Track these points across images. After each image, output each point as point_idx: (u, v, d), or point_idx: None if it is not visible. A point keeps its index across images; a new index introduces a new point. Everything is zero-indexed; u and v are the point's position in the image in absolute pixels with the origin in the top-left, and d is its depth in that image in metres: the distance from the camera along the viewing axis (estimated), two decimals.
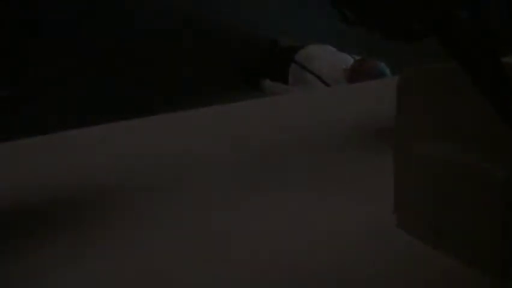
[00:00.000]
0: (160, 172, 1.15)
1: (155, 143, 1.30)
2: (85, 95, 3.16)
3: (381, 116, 1.11)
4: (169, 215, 0.83)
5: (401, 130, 0.59)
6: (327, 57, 2.53)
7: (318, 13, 2.94)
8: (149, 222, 0.81)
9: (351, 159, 1.00)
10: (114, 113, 3.18)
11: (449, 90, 0.53)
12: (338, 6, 0.71)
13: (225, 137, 1.26)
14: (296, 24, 3.25)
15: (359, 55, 2.67)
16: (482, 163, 0.48)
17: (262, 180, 1.03)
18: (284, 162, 1.07)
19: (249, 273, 0.58)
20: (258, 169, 1.11)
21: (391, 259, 0.60)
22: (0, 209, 0.90)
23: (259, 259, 0.62)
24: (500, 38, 0.51)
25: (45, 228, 0.81)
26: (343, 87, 1.62)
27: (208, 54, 3.56)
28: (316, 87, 2.41)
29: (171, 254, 0.67)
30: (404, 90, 0.57)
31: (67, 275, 0.63)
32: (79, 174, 1.18)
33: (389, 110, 0.67)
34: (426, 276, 0.56)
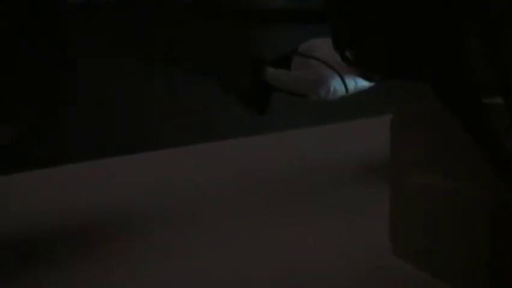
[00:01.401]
0: (165, 203, 1.17)
1: (165, 175, 1.32)
2: (100, 128, 3.21)
3: (377, 151, 1.15)
4: (179, 244, 0.85)
5: (396, 163, 0.63)
6: (329, 45, 2.54)
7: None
8: (160, 250, 0.84)
9: (349, 191, 1.03)
10: (123, 146, 3.20)
11: (439, 126, 0.58)
12: (338, 48, 0.77)
13: (230, 170, 1.29)
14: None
15: None
16: (471, 192, 0.52)
17: (265, 210, 1.05)
18: (286, 194, 1.10)
19: None
20: (260, 200, 1.13)
21: (388, 285, 0.63)
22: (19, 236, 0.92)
23: (262, 280, 0.65)
24: (482, 81, 0.56)
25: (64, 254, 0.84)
26: (339, 125, 1.67)
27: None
28: (322, 71, 2.42)
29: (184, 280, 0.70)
30: (398, 126, 0.62)
31: None
32: (81, 206, 1.19)
33: (384, 145, 0.72)
34: None
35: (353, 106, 3.10)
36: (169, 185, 1.21)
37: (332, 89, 2.55)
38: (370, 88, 2.74)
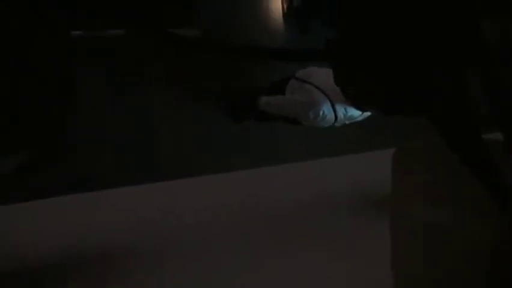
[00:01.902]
0: (165, 233, 1.18)
1: (166, 207, 1.33)
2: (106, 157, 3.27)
3: (377, 185, 1.16)
4: (179, 276, 0.85)
5: (396, 197, 0.64)
6: (326, 73, 2.60)
7: None
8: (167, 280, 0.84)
9: (350, 224, 1.03)
10: (124, 175, 3.22)
11: (439, 162, 0.59)
12: (339, 84, 0.79)
13: (231, 203, 1.30)
14: None
15: None
16: (472, 228, 0.53)
17: (265, 244, 1.06)
18: (286, 228, 1.10)
19: None
20: (262, 234, 1.14)
21: None
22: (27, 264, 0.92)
23: None
24: (481, 116, 0.57)
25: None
26: (340, 158, 1.68)
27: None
28: (315, 94, 2.47)
29: None
30: (399, 163, 0.63)
31: None
32: (73, 238, 1.19)
33: (384, 180, 0.73)
34: None
35: (355, 139, 3.13)
36: (170, 216, 1.22)
37: (321, 113, 2.59)
38: (372, 122, 2.76)
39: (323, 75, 2.65)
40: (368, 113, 2.57)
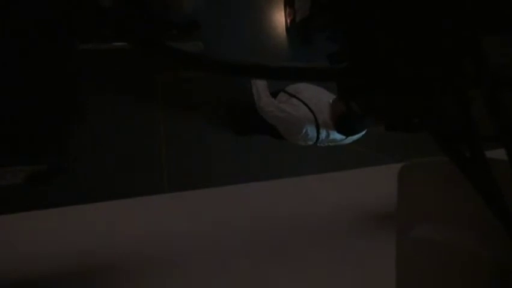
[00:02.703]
0: (168, 247, 1.18)
1: (166, 220, 1.34)
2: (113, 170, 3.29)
3: (382, 201, 1.16)
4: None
5: (402, 214, 0.64)
6: (316, 90, 2.62)
7: None
8: None
9: (356, 240, 1.03)
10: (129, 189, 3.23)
11: (445, 180, 0.59)
12: (343, 99, 0.79)
13: (234, 218, 1.30)
14: None
15: None
16: (475, 247, 0.53)
17: (269, 259, 1.05)
18: (290, 244, 1.10)
19: None
20: (265, 251, 1.14)
21: None
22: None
23: None
24: (485, 134, 0.58)
25: None
26: (345, 173, 1.68)
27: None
28: (301, 110, 2.48)
29: None
30: (405, 180, 0.63)
31: None
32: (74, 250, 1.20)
33: (389, 196, 0.73)
34: None
35: (361, 154, 3.13)
36: (171, 230, 1.22)
37: (304, 131, 2.60)
38: (376, 138, 2.76)
39: (311, 91, 2.67)
40: (352, 138, 2.60)
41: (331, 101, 2.61)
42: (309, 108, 2.57)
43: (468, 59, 0.54)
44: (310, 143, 2.62)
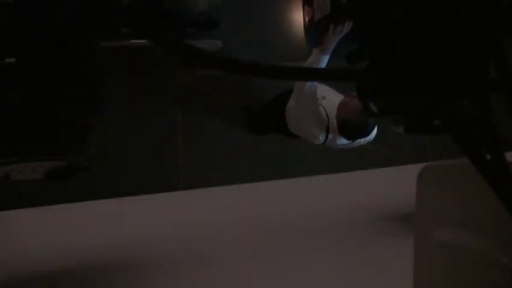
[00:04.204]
0: (176, 244, 1.18)
1: (181, 218, 1.34)
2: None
3: (400, 201, 1.15)
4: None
5: (421, 216, 0.63)
6: (334, 94, 2.71)
7: None
8: None
9: (373, 243, 1.02)
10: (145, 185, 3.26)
11: (466, 183, 0.59)
12: (362, 100, 0.79)
13: (250, 216, 1.30)
14: None
15: None
16: (493, 251, 0.52)
17: (284, 258, 1.05)
18: (308, 243, 1.10)
19: None
20: (280, 248, 1.14)
21: None
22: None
23: None
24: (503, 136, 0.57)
25: None
26: (364, 172, 1.67)
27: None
28: (322, 115, 2.61)
29: None
30: (425, 182, 0.63)
31: None
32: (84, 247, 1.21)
33: (408, 197, 0.73)
34: None
35: (376, 155, 3.11)
36: (180, 228, 1.23)
37: (317, 136, 2.67)
38: (393, 138, 2.75)
39: (332, 96, 2.74)
40: (359, 142, 2.65)
41: (339, 100, 2.67)
42: (328, 114, 2.65)
43: (491, 61, 0.53)
44: (318, 142, 2.69)
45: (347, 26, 2.43)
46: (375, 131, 2.68)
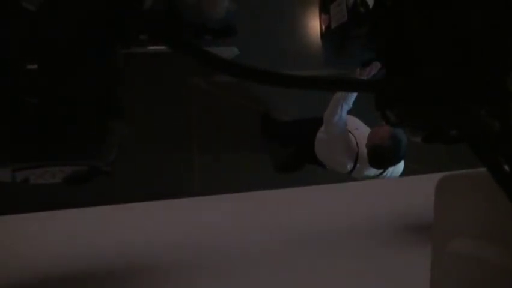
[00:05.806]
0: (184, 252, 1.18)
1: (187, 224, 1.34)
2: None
3: (420, 212, 1.14)
4: None
5: (438, 227, 0.63)
6: (365, 128, 2.79)
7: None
8: None
9: (392, 252, 1.02)
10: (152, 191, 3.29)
11: (484, 193, 0.58)
12: (379, 108, 0.79)
13: (268, 224, 1.30)
14: None
15: None
16: (509, 263, 0.52)
17: (302, 265, 1.05)
18: (325, 251, 1.09)
19: None
20: (298, 255, 1.13)
21: None
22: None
23: None
24: None
25: None
26: (380, 181, 1.66)
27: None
28: (352, 144, 2.68)
29: None
30: (443, 192, 0.62)
31: None
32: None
33: (426, 207, 0.72)
34: None
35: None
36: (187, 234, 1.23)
37: (345, 165, 2.74)
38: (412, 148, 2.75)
39: (363, 129, 2.80)
40: (387, 174, 2.69)
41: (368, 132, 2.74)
42: (357, 144, 2.73)
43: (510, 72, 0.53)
44: (345, 171, 2.77)
45: (375, 68, 2.45)
46: (402, 164, 2.72)
